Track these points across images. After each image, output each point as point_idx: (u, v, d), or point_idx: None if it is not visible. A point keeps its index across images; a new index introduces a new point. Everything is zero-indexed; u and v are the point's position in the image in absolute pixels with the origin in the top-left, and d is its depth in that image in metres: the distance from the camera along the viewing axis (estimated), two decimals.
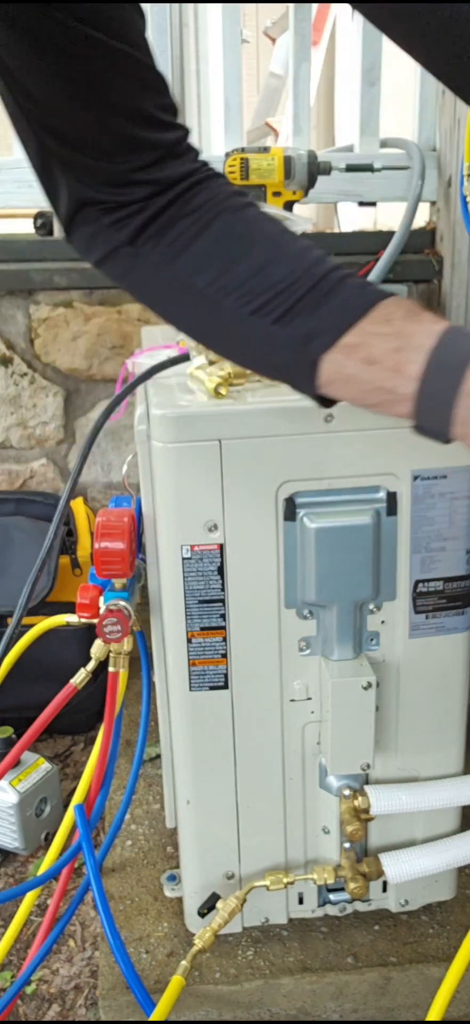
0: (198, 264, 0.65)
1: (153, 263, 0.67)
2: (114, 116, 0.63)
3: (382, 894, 1.01)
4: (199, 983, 0.95)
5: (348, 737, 0.89)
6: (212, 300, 0.65)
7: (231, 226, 0.66)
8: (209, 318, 0.67)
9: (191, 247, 0.65)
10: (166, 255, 0.66)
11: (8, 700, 1.41)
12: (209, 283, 0.65)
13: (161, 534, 0.89)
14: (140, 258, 0.67)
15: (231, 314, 0.64)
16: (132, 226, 0.66)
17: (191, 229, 0.66)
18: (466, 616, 0.93)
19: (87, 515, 1.66)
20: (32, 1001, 1.09)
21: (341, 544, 0.87)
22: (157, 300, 0.71)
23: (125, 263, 0.68)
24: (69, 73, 0.60)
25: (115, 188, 0.66)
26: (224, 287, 0.64)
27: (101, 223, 0.67)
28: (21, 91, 0.63)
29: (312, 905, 1.00)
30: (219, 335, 0.68)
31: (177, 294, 0.67)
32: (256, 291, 0.63)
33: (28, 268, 1.68)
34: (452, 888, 1.03)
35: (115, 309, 1.71)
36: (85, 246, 0.71)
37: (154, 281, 0.68)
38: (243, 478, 0.85)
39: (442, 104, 1.70)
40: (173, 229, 0.66)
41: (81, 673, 1.04)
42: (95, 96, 0.62)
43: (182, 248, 0.66)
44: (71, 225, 0.70)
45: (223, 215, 0.66)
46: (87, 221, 0.68)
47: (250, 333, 0.64)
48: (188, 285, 0.66)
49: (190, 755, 0.94)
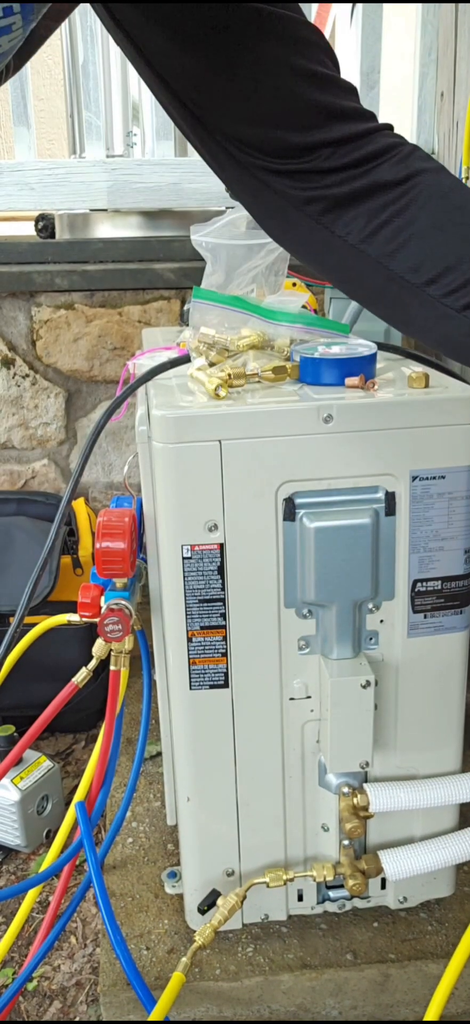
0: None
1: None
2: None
3: (381, 891, 1.02)
4: (199, 979, 0.96)
5: (347, 735, 0.90)
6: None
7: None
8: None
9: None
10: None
11: (10, 698, 1.42)
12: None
13: (162, 534, 0.90)
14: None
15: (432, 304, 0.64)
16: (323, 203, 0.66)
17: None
18: (464, 615, 0.93)
19: (88, 515, 1.67)
20: (33, 998, 1.10)
21: (340, 544, 0.88)
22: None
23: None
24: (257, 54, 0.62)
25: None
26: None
27: (297, 197, 0.67)
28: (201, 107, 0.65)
29: (311, 902, 1.01)
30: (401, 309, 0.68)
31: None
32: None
33: (30, 270, 1.68)
34: (450, 885, 1.03)
35: (116, 311, 1.71)
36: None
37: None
38: (243, 478, 0.86)
39: (440, 107, 1.71)
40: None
41: (82, 672, 1.05)
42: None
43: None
44: (287, 226, 0.70)
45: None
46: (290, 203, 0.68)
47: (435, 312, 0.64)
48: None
49: (190, 753, 0.94)
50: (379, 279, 0.66)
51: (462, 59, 1.59)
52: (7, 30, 0.55)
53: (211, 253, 1.05)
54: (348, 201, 0.66)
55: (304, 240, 0.70)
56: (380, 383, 0.92)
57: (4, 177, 1.75)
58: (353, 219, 0.66)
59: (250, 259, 1.04)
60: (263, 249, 1.04)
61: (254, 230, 1.05)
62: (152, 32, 0.63)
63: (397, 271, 0.64)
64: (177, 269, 1.70)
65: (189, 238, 1.06)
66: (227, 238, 1.04)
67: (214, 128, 0.67)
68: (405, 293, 0.65)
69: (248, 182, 0.69)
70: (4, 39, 0.55)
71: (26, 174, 1.77)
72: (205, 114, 0.67)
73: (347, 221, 0.66)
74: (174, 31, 0.62)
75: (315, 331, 1.01)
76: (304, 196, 0.67)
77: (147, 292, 1.72)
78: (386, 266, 0.65)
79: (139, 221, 1.83)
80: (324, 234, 0.67)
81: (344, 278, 0.71)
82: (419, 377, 0.90)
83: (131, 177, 1.78)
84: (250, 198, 0.71)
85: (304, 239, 0.70)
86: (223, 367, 0.93)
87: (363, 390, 0.89)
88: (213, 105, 0.66)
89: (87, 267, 1.70)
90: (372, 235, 0.65)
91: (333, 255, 0.68)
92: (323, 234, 0.67)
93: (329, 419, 0.85)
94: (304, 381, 0.94)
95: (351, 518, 0.87)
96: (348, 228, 0.66)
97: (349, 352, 0.93)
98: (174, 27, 0.62)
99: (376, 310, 0.71)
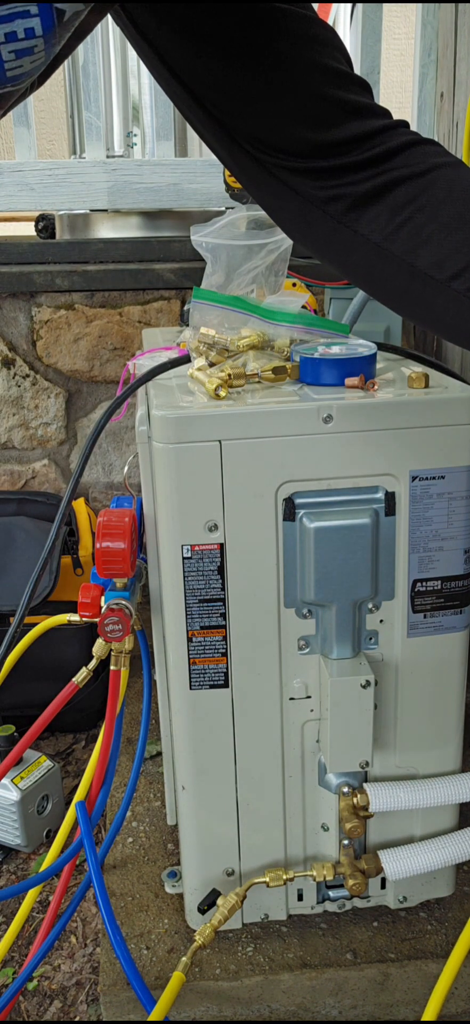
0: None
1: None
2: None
3: (381, 891, 1.02)
4: (199, 979, 0.96)
5: (347, 735, 0.90)
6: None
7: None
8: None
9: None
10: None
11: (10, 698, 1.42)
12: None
13: (162, 534, 0.90)
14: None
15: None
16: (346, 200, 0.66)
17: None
18: (464, 615, 0.93)
19: (88, 515, 1.67)
20: (34, 997, 1.10)
21: (340, 544, 0.88)
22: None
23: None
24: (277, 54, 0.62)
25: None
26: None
27: (317, 196, 0.67)
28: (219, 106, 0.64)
29: (311, 902, 1.01)
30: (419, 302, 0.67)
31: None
32: None
33: (30, 270, 1.69)
34: (450, 885, 1.03)
35: (116, 311, 1.71)
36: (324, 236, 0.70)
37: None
38: (243, 478, 0.86)
39: (440, 108, 1.71)
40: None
41: (82, 672, 1.05)
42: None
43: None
44: (305, 226, 0.70)
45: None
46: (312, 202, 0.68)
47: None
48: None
49: (190, 753, 0.94)
50: (403, 277, 0.65)
51: (462, 59, 1.59)
52: (29, 52, 0.55)
53: (211, 253, 1.05)
54: (369, 199, 0.65)
55: (326, 240, 0.69)
56: (380, 383, 0.92)
57: (4, 177, 1.76)
58: (375, 217, 0.65)
59: (250, 259, 1.05)
60: (263, 249, 1.04)
61: (254, 230, 1.05)
62: (170, 35, 0.64)
63: (421, 267, 0.64)
64: (177, 269, 1.70)
65: (189, 238, 1.06)
66: (227, 238, 1.04)
67: (233, 129, 0.67)
68: (429, 290, 0.64)
69: (269, 183, 0.69)
70: (26, 60, 0.55)
71: (26, 174, 1.77)
72: (224, 116, 0.67)
73: (369, 219, 0.66)
74: (192, 33, 0.63)
75: (315, 331, 1.01)
76: (325, 195, 0.66)
77: (147, 292, 1.72)
78: (410, 263, 0.64)
79: (139, 221, 1.83)
80: (346, 233, 0.67)
81: (367, 277, 0.70)
82: (419, 377, 0.90)
83: (131, 177, 1.79)
84: (271, 199, 0.71)
85: (326, 239, 0.69)
86: (223, 367, 0.93)
87: (363, 390, 0.89)
88: (232, 106, 0.66)
89: (87, 267, 1.70)
90: (395, 232, 0.65)
91: (356, 254, 0.68)
92: (345, 233, 0.67)
93: (329, 419, 0.85)
94: (304, 381, 0.94)
95: (351, 518, 0.88)
96: (370, 226, 0.66)
97: (349, 352, 0.93)
98: (192, 29, 0.62)
99: (401, 309, 0.71)
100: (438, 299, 0.64)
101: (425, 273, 0.64)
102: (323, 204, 0.67)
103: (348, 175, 0.66)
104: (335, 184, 0.66)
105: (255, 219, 1.08)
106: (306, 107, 0.65)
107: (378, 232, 0.65)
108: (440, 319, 0.66)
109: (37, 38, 0.54)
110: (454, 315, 0.64)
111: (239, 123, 0.67)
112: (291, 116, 0.65)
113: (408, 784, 0.94)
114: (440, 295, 0.64)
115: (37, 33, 0.54)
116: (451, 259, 0.62)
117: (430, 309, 0.66)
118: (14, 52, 0.54)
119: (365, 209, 0.66)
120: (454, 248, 0.62)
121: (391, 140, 0.66)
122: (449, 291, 0.63)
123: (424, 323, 0.70)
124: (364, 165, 0.65)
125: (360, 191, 0.65)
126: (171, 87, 0.68)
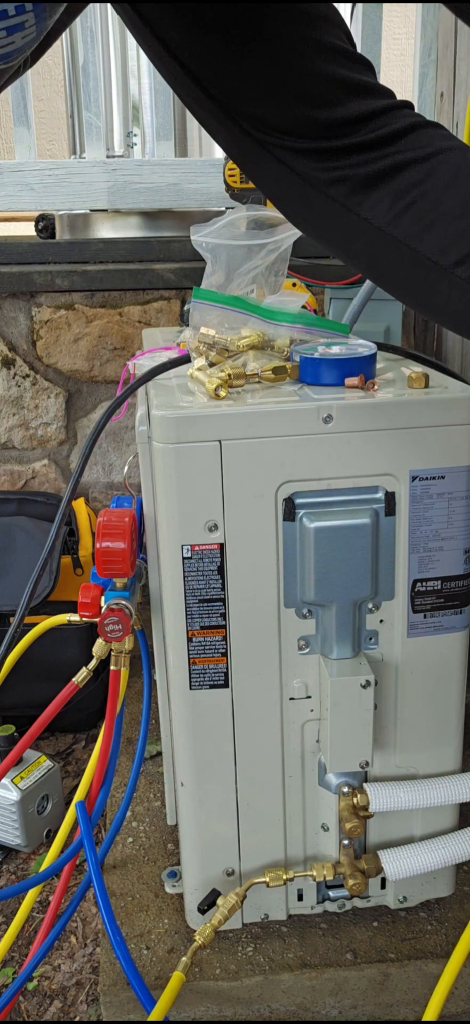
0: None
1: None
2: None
3: (381, 891, 1.02)
4: (199, 979, 0.96)
5: (347, 735, 0.90)
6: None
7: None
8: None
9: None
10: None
11: (10, 698, 1.42)
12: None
13: (162, 534, 0.90)
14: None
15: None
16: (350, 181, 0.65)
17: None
18: (464, 615, 0.93)
19: (88, 515, 1.67)
20: (34, 997, 1.10)
21: (340, 544, 0.88)
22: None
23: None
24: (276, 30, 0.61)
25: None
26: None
27: (319, 178, 0.66)
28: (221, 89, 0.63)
29: (311, 902, 1.01)
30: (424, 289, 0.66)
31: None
32: None
33: (30, 270, 1.69)
34: (450, 885, 1.03)
35: (116, 311, 1.72)
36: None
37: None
38: (243, 478, 0.86)
39: (440, 107, 1.71)
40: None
41: (82, 672, 1.05)
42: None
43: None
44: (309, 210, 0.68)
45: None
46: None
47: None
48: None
49: (190, 753, 0.94)
50: (407, 263, 0.64)
51: (462, 60, 1.59)
52: (20, 27, 0.55)
53: (211, 253, 1.05)
54: (373, 182, 0.64)
55: (329, 225, 0.68)
56: (380, 383, 0.92)
57: (4, 177, 1.76)
58: (378, 200, 0.64)
59: (250, 259, 1.05)
60: (263, 249, 1.04)
61: (254, 230, 1.05)
62: (168, 15, 0.62)
63: (425, 253, 0.63)
64: (177, 269, 1.70)
65: (189, 238, 1.06)
66: (227, 238, 1.04)
67: (234, 110, 0.66)
68: (433, 276, 0.63)
69: (271, 166, 0.67)
70: (17, 36, 0.55)
71: (26, 174, 1.77)
72: (224, 96, 0.65)
73: (373, 203, 0.64)
74: (191, 12, 0.61)
75: (315, 331, 1.01)
76: (328, 177, 0.65)
77: (147, 292, 1.72)
78: (414, 248, 0.63)
79: (139, 221, 1.83)
80: (349, 217, 0.65)
81: (371, 263, 0.68)
82: (419, 377, 0.90)
83: (131, 177, 1.79)
84: (273, 184, 0.69)
85: (329, 224, 0.68)
86: (223, 367, 0.93)
87: (363, 390, 0.89)
88: (232, 84, 0.65)
89: (87, 267, 1.70)
90: (398, 216, 0.63)
91: (359, 240, 0.66)
92: (348, 217, 0.65)
93: (329, 419, 0.85)
94: (304, 381, 0.94)
95: (351, 518, 0.88)
96: (374, 210, 0.64)
97: (349, 352, 0.93)
98: (190, 8, 0.61)
99: (405, 297, 0.70)
100: (441, 286, 0.63)
101: (429, 259, 0.63)
102: (326, 187, 0.65)
103: (351, 156, 0.64)
104: (338, 165, 0.64)
105: (255, 219, 1.08)
106: (306, 85, 0.63)
107: (381, 216, 0.64)
108: (443, 307, 0.65)
109: (28, 13, 0.54)
110: (457, 303, 0.63)
111: (239, 103, 0.65)
112: (292, 94, 0.63)
113: (408, 784, 0.94)
114: (443, 281, 0.63)
115: (27, 8, 0.53)
116: (455, 245, 0.61)
117: (433, 296, 0.65)
118: (5, 29, 0.54)
119: (368, 192, 0.64)
120: (458, 234, 0.61)
121: (395, 122, 0.64)
122: (453, 278, 0.62)
123: (427, 311, 0.69)
124: (367, 147, 0.64)
125: (363, 173, 0.64)
126: (170, 69, 0.67)
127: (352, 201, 0.65)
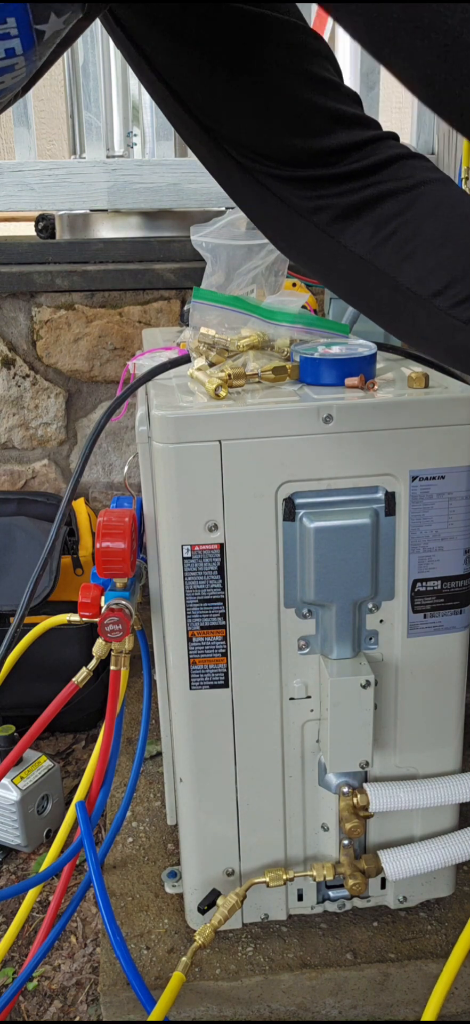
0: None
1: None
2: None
3: (381, 891, 1.02)
4: (199, 979, 0.96)
5: (347, 735, 0.90)
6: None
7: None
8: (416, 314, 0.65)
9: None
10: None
11: (10, 698, 1.42)
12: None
13: (162, 534, 0.90)
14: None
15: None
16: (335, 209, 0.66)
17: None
18: (464, 615, 0.93)
19: (88, 515, 1.67)
20: (34, 997, 1.10)
21: (340, 544, 0.88)
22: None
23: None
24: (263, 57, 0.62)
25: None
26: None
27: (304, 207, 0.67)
28: (208, 114, 0.64)
29: (311, 902, 1.01)
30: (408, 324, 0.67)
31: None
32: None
33: (30, 270, 1.69)
34: (450, 885, 1.03)
35: (116, 311, 1.71)
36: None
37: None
38: (243, 478, 0.86)
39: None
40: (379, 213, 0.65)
41: (82, 672, 1.05)
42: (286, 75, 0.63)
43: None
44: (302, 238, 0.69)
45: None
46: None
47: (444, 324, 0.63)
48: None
49: (190, 753, 0.94)
50: (386, 291, 0.65)
51: None
52: (10, 69, 0.55)
53: (211, 253, 1.05)
54: (355, 211, 0.65)
55: (311, 251, 0.69)
56: (380, 383, 0.93)
57: (4, 177, 1.76)
58: (360, 229, 0.65)
59: (250, 259, 1.05)
60: (263, 250, 1.04)
61: (254, 231, 1.05)
62: (156, 35, 0.63)
63: (404, 283, 0.64)
64: (177, 269, 1.70)
65: (189, 238, 1.06)
66: (227, 239, 1.04)
67: (220, 135, 0.67)
68: (412, 305, 0.64)
69: (255, 190, 0.68)
70: (7, 76, 0.56)
71: (26, 174, 1.77)
72: (211, 121, 0.66)
73: (354, 231, 0.65)
74: (177, 33, 0.62)
75: (315, 331, 1.01)
76: (311, 206, 0.66)
77: (147, 292, 1.72)
78: (394, 277, 0.64)
79: (139, 221, 1.83)
80: (331, 244, 0.67)
81: (352, 289, 0.70)
82: (419, 377, 0.90)
83: (131, 177, 1.79)
84: (257, 207, 0.70)
85: (311, 250, 0.69)
86: (223, 367, 0.93)
87: (363, 390, 0.89)
88: (218, 110, 0.66)
89: (87, 267, 1.70)
90: (379, 246, 0.64)
91: (340, 266, 0.68)
92: (330, 244, 0.67)
93: (329, 419, 0.85)
94: (304, 381, 0.94)
95: (351, 518, 0.88)
96: (355, 239, 0.65)
97: (349, 352, 0.93)
98: (177, 29, 0.62)
99: (385, 323, 0.71)
100: (420, 315, 0.64)
101: (408, 288, 0.64)
102: (309, 214, 0.67)
103: (335, 186, 0.65)
104: (321, 194, 0.66)
105: None
106: (292, 114, 0.64)
107: (363, 245, 0.65)
108: (422, 335, 0.66)
109: (18, 56, 0.54)
110: (435, 331, 0.64)
111: (225, 129, 0.66)
112: (277, 123, 0.64)
113: (408, 784, 0.94)
114: (422, 311, 0.64)
115: (17, 52, 0.54)
116: (434, 276, 0.62)
117: (413, 325, 0.66)
118: None
119: (350, 221, 0.65)
120: (437, 265, 0.62)
121: (379, 152, 0.65)
122: (431, 307, 0.63)
123: (407, 338, 0.70)
124: (351, 176, 0.65)
125: (346, 203, 0.65)
126: (158, 91, 0.68)
127: (334, 229, 0.66)
